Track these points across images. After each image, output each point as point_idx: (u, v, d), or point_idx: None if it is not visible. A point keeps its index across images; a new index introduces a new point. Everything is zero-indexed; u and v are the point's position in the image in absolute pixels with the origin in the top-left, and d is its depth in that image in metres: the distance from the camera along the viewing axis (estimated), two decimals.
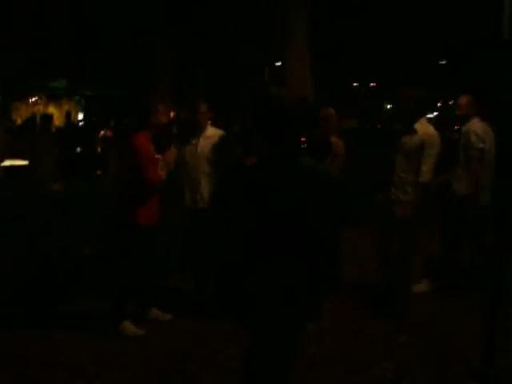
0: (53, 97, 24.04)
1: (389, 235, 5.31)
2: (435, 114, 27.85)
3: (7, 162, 9.44)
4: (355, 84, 29.86)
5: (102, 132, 13.03)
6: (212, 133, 5.36)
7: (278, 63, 19.75)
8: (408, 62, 22.67)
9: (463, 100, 5.83)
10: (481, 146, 5.62)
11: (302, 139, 4.78)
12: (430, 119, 6.78)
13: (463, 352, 4.48)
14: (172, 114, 5.66)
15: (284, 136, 2.78)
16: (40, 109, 21.58)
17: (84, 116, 23.27)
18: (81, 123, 20.11)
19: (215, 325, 4.98)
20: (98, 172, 10.23)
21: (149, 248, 5.00)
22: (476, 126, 5.72)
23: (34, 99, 25.41)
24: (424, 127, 5.11)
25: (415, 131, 5.06)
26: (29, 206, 6.00)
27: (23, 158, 9.13)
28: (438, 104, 29.51)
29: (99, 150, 12.16)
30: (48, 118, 9.01)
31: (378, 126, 20.58)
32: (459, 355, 4.45)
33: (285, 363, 2.93)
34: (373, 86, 29.79)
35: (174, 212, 5.19)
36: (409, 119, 5.13)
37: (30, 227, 5.66)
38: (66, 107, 22.21)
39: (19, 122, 20.89)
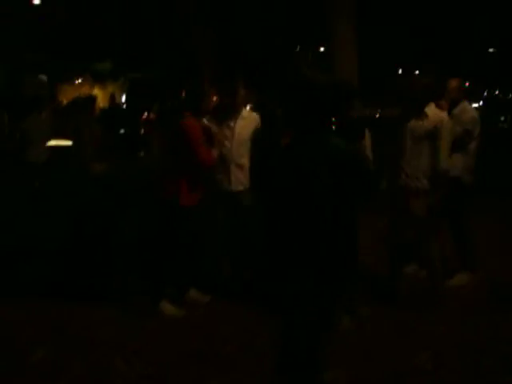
0: (98, 79, 24.38)
1: (402, 223, 5.21)
2: (481, 103, 27.33)
3: (52, 142, 9.60)
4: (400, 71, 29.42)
5: (146, 114, 13.17)
6: (247, 114, 5.45)
7: (322, 48, 19.59)
8: (454, 49, 22.19)
9: (453, 83, 5.79)
10: (478, 130, 5.66)
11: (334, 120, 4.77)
12: (475, 108, 6.63)
13: (501, 344, 4.41)
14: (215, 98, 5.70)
15: (312, 118, 2.80)
16: (85, 90, 21.89)
17: (127, 98, 23.53)
18: (124, 105, 20.34)
19: (254, 309, 5.00)
20: (141, 153, 10.35)
21: (193, 229, 5.05)
22: (471, 109, 5.85)
23: (79, 81, 25.83)
24: (434, 111, 5.01)
25: (426, 116, 4.96)
26: (73, 185, 6.09)
27: (68, 139, 9.27)
28: (484, 94, 28.95)
29: (142, 131, 12.29)
30: (92, 99, 9.12)
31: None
32: (497, 347, 4.38)
33: (317, 349, 2.93)
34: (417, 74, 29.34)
35: (208, 195, 5.21)
36: (418, 106, 5.01)
37: (75, 207, 5.75)
38: (110, 89, 22.52)
39: (65, 103, 21.27)
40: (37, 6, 20.65)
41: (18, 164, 8.93)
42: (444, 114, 5.12)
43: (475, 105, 30.69)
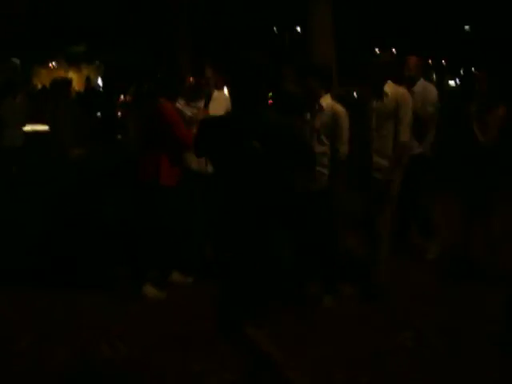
0: (72, 62, 24.06)
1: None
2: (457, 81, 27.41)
3: (28, 128, 9.48)
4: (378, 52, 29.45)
5: (122, 97, 13.03)
6: (217, 95, 5.44)
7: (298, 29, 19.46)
8: (431, 28, 22.23)
9: (412, 60, 5.85)
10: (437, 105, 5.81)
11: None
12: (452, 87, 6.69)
13: (485, 324, 4.43)
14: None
15: (248, 94, 2.96)
16: (60, 74, 21.60)
17: (103, 81, 23.28)
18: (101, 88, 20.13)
19: None
20: (118, 136, 10.27)
21: (173, 210, 5.06)
22: (433, 89, 5.95)
23: (53, 64, 25.47)
24: (394, 89, 4.94)
25: (386, 94, 4.90)
26: (50, 171, 6.03)
27: (44, 124, 9.17)
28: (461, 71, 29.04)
29: (119, 114, 12.18)
30: (67, 82, 9.00)
31: None
32: (478, 325, 4.42)
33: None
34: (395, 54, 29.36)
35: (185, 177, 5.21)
36: (374, 85, 4.95)
37: (52, 192, 5.70)
38: (85, 72, 22.24)
39: (39, 86, 20.98)
40: None
41: None
42: (404, 90, 5.05)
43: (452, 82, 30.80)
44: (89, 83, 16.83)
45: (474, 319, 4.54)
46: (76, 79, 20.81)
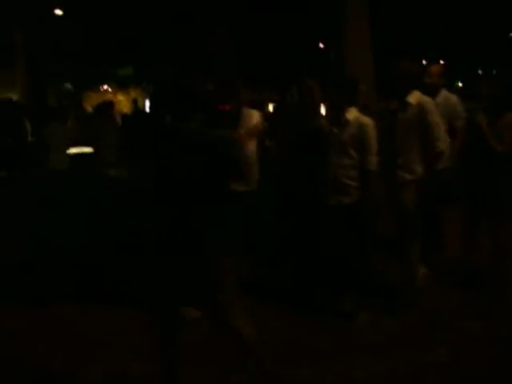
0: (121, 85, 24.63)
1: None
2: None
3: (74, 150, 9.73)
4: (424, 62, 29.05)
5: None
6: (246, 112, 5.36)
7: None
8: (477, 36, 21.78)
9: (434, 69, 5.68)
10: (464, 115, 5.55)
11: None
12: None
13: None
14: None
15: (180, 110, 3.32)
16: (109, 97, 22.15)
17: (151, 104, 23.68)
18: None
19: (266, 305, 5.05)
20: None
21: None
22: (453, 97, 5.69)
23: (104, 88, 26.15)
24: (417, 97, 4.77)
25: (409, 104, 4.75)
26: (92, 192, 6.14)
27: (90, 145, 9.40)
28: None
29: None
30: (108, 104, 9.23)
31: None
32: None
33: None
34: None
35: None
36: (400, 94, 4.82)
37: (94, 213, 5.80)
38: (133, 94, 22.73)
39: (90, 110, 21.54)
40: (60, 16, 20.96)
41: (41, 171, 9.07)
42: (428, 99, 4.86)
43: None
44: (135, 105, 17.18)
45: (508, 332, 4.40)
46: (124, 102, 21.34)
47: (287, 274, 5.39)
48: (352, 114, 4.78)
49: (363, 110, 5.35)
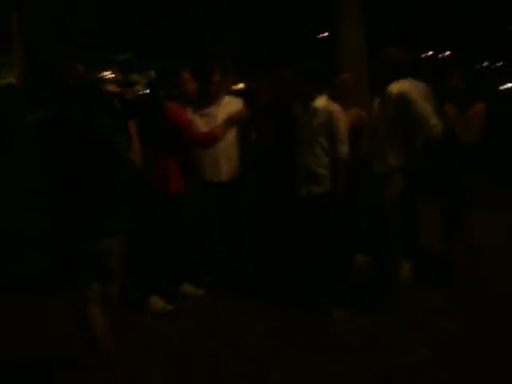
0: (123, 71, 24.41)
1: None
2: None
3: None
4: (430, 53, 28.60)
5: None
6: (228, 101, 5.27)
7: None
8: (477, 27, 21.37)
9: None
10: None
11: None
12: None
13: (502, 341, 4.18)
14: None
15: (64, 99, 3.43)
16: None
17: (150, 89, 23.53)
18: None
19: (247, 304, 4.92)
20: None
21: (181, 218, 4.95)
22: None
23: (106, 73, 25.95)
24: (400, 86, 4.54)
25: (390, 93, 4.54)
26: None
27: None
28: None
29: None
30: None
31: None
32: (496, 344, 4.14)
33: None
34: (448, 55, 28.48)
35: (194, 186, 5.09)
36: (382, 82, 4.64)
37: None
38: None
39: None
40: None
41: None
42: (407, 86, 4.54)
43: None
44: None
45: (492, 336, 4.25)
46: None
47: (267, 268, 5.28)
48: (321, 101, 4.65)
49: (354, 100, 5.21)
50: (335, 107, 4.65)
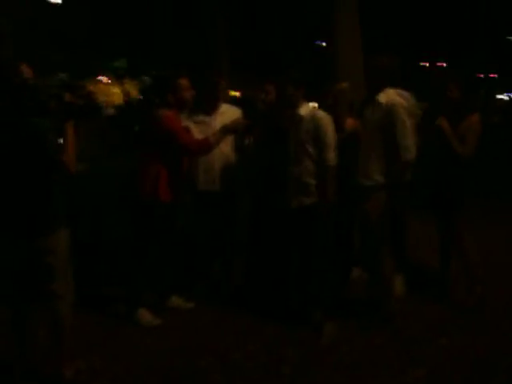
0: (117, 77, 24.34)
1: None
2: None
3: None
4: (425, 64, 28.61)
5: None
6: (226, 109, 5.15)
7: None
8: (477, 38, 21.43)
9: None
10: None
11: None
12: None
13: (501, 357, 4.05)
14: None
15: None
16: (103, 88, 21.87)
17: (143, 95, 23.44)
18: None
19: (238, 317, 4.75)
20: None
21: (170, 227, 4.78)
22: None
23: (100, 78, 25.86)
24: (388, 96, 4.39)
25: (378, 102, 4.39)
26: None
27: None
28: None
29: None
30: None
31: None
32: (497, 360, 4.01)
33: None
34: (440, 66, 28.45)
35: (187, 195, 4.94)
36: (372, 90, 4.48)
37: None
38: (127, 87, 22.44)
39: None
40: (58, 5, 20.71)
41: None
42: (398, 99, 4.40)
43: (502, 96, 29.51)
44: (127, 97, 16.92)
45: (492, 353, 4.12)
46: (119, 94, 21.06)
47: (259, 280, 5.13)
48: (306, 109, 4.51)
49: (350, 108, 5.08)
50: (321, 114, 4.51)
